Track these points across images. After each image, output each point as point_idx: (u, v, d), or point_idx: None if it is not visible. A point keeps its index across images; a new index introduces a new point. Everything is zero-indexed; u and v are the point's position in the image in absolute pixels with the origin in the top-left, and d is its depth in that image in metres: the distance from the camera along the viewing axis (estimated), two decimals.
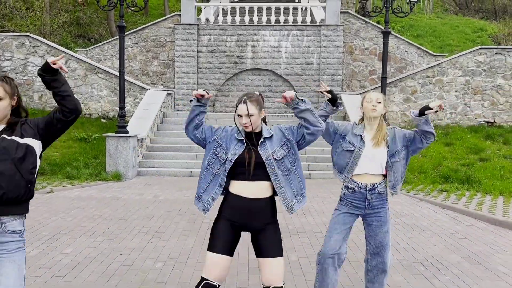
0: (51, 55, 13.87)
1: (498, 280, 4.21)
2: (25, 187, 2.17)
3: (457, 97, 13.75)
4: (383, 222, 3.16)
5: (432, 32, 22.73)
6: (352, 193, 3.12)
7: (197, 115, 2.72)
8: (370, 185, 3.09)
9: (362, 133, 3.13)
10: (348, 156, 3.09)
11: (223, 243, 2.64)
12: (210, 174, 2.72)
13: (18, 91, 2.27)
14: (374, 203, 3.12)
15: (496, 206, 7.16)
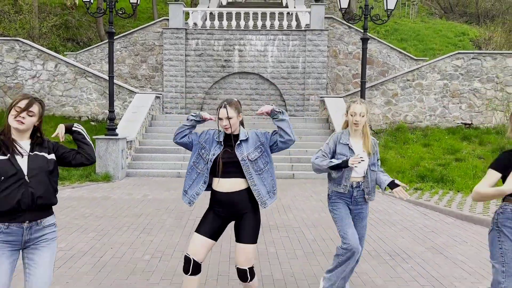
0: (41, 59, 14.12)
1: (455, 267, 4.65)
2: (54, 194, 2.63)
3: (436, 100, 14.30)
4: (364, 217, 3.54)
5: (415, 36, 23.33)
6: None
7: (190, 130, 3.16)
8: (355, 183, 3.44)
9: (348, 142, 3.45)
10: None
11: (208, 227, 3.12)
12: (195, 173, 3.17)
13: (43, 115, 2.67)
14: (359, 200, 3.48)
15: (465, 203, 7.64)
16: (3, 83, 14.12)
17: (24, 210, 2.47)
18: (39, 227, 2.55)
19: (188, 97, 16.83)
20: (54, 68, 14.17)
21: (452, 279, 4.30)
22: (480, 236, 5.87)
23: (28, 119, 2.52)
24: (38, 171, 2.51)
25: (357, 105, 3.39)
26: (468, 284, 4.20)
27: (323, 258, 4.86)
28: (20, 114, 2.50)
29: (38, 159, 2.54)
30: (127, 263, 4.60)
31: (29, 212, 2.49)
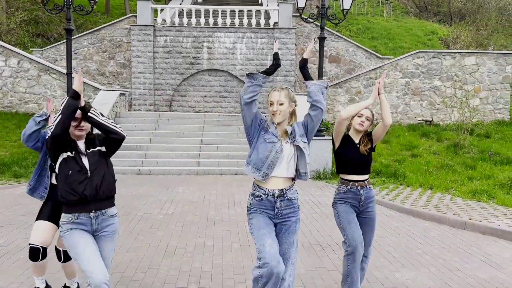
0: (3, 55, 13.94)
1: (380, 257, 4.89)
2: (114, 184, 2.92)
3: (398, 97, 14.67)
4: (292, 232, 2.99)
5: (386, 35, 23.72)
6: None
7: (39, 132, 3.51)
8: (278, 191, 2.96)
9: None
10: None
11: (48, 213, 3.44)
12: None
13: None
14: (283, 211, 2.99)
15: (410, 197, 7.93)
16: None
17: (89, 201, 2.74)
18: (104, 217, 2.82)
19: (156, 94, 16.83)
20: (17, 64, 14.00)
21: (373, 267, 4.53)
22: (414, 228, 6.14)
23: (86, 125, 2.84)
24: (97, 165, 2.78)
25: (274, 91, 2.89)
26: (385, 272, 4.43)
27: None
28: (80, 124, 2.78)
29: (95, 155, 2.82)
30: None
31: (94, 203, 2.76)
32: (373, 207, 3.57)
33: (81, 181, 2.71)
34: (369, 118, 3.54)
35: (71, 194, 2.71)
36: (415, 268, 4.56)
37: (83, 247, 2.73)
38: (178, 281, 4.07)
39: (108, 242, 2.87)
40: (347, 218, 3.45)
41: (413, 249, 5.19)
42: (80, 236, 2.76)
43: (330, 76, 17.74)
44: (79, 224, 2.78)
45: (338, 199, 3.54)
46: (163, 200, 7.56)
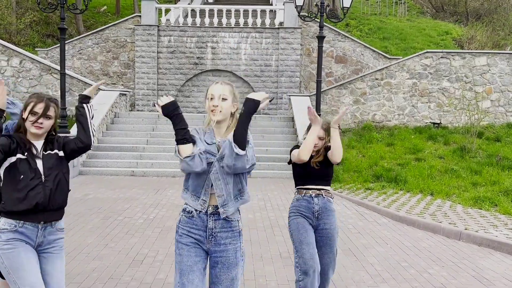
0: (5, 55, 13.95)
1: (360, 269, 4.55)
2: (67, 195, 2.60)
3: (405, 99, 14.21)
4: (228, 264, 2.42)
5: (398, 35, 23.24)
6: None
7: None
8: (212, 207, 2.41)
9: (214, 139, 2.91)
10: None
11: None
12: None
13: (58, 114, 2.60)
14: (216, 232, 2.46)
15: (407, 204, 7.55)
16: None
17: (41, 210, 2.43)
18: (53, 229, 2.51)
19: (160, 95, 16.67)
20: (19, 64, 14.00)
21: (350, 282, 4.20)
22: (405, 238, 5.78)
23: (46, 123, 2.49)
24: (52, 170, 2.48)
25: (216, 85, 2.40)
26: (362, 286, 4.10)
27: None
28: (38, 120, 2.45)
29: (51, 158, 2.51)
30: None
31: (45, 213, 2.45)
32: (331, 223, 3.20)
33: (33, 187, 2.41)
34: (321, 138, 3.16)
35: (20, 203, 2.39)
36: (397, 283, 4.22)
37: (29, 270, 2.38)
38: None
39: (57, 260, 2.54)
40: (299, 237, 3.12)
41: (399, 261, 4.84)
42: (25, 256, 2.40)
43: (337, 76, 17.35)
44: (22, 235, 2.42)
45: (291, 209, 3.25)
46: (148, 204, 7.33)
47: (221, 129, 2.40)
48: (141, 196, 7.93)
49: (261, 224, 6.29)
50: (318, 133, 3.05)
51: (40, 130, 2.49)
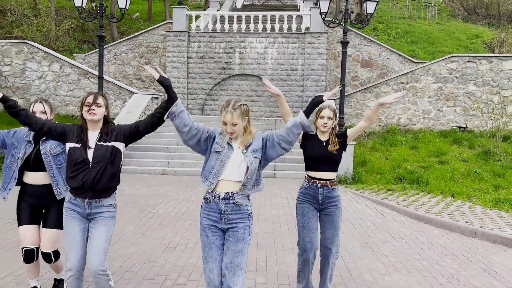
0: (47, 61, 14.89)
1: (375, 260, 4.89)
2: (115, 177, 3.10)
3: (430, 102, 14.31)
4: (238, 239, 2.87)
5: (426, 39, 23.16)
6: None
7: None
8: (224, 193, 2.91)
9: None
10: None
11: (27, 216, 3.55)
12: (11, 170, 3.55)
13: (108, 105, 3.18)
14: (229, 216, 2.93)
15: (426, 204, 7.78)
16: (12, 84, 14.97)
17: (86, 189, 3.00)
18: (98, 204, 3.04)
19: (189, 98, 17.33)
20: (59, 69, 14.91)
21: (364, 270, 4.55)
22: (421, 234, 6.05)
23: (98, 110, 3.03)
24: (99, 159, 2.99)
25: (227, 114, 2.79)
26: (376, 275, 4.44)
27: (254, 249, 5.18)
28: (91, 107, 3.00)
29: (102, 149, 3.00)
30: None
31: (91, 192, 3.00)
32: (335, 209, 3.60)
33: (81, 171, 2.97)
34: (331, 117, 3.58)
35: (72, 180, 2.99)
36: (408, 272, 4.54)
37: (71, 234, 3.04)
38: (170, 274, 4.29)
39: (100, 227, 3.04)
40: (302, 222, 3.58)
41: (413, 254, 5.14)
42: (71, 223, 3.05)
43: (362, 80, 17.56)
44: (74, 205, 3.05)
45: (299, 195, 3.68)
46: (179, 200, 7.85)
47: (237, 140, 2.91)
48: (172, 193, 8.46)
49: (284, 219, 6.68)
50: (327, 111, 3.52)
51: (95, 116, 3.01)
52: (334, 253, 3.63)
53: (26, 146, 3.47)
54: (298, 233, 3.61)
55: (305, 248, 3.54)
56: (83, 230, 3.06)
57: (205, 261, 2.86)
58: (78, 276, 3.01)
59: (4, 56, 14.95)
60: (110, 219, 3.11)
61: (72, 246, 3.01)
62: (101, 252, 3.00)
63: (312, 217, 3.57)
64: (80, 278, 3.04)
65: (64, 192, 3.48)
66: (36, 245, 3.51)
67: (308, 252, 3.54)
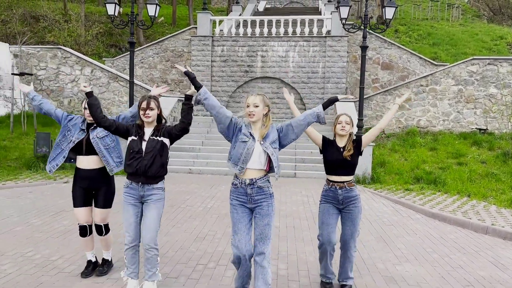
0: (79, 65, 15.70)
1: (388, 252, 5.26)
2: (163, 167, 3.69)
3: (450, 105, 14.47)
4: (264, 214, 3.43)
5: (449, 40, 23.11)
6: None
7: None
8: (248, 180, 3.43)
9: (250, 130, 3.53)
10: None
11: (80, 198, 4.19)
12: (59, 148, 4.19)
13: (160, 105, 3.78)
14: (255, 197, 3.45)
15: (442, 203, 8.07)
16: (47, 87, 15.84)
17: (140, 175, 3.62)
18: (149, 187, 3.64)
19: None
20: (91, 73, 15.70)
21: (378, 260, 4.94)
22: (434, 230, 6.38)
23: (151, 113, 3.67)
24: (151, 150, 3.59)
25: (251, 96, 3.40)
26: (388, 264, 4.83)
27: (276, 240, 5.62)
28: (146, 111, 3.63)
29: (153, 142, 3.61)
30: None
31: (143, 177, 3.62)
32: (355, 206, 3.97)
33: (135, 159, 3.59)
34: (348, 122, 3.97)
35: (128, 167, 3.63)
36: (419, 263, 4.90)
37: (126, 214, 3.68)
38: (201, 259, 4.78)
39: (152, 207, 3.65)
40: (322, 218, 4.01)
41: (425, 248, 5.50)
42: (128, 207, 3.68)
43: (383, 82, 17.79)
44: (131, 189, 3.68)
45: (321, 197, 4.09)
46: (205, 196, 8.37)
47: (257, 126, 3.43)
48: (198, 190, 8.99)
49: (303, 215, 7.11)
50: (344, 116, 3.98)
51: (149, 118, 3.66)
52: (352, 247, 4.02)
53: (79, 132, 4.09)
54: (319, 228, 4.03)
55: (323, 241, 3.97)
56: (137, 213, 3.70)
57: (234, 233, 3.41)
58: (134, 249, 3.71)
59: (39, 61, 15.84)
60: (160, 201, 3.70)
61: (129, 226, 3.68)
62: (152, 229, 3.62)
63: (332, 214, 3.98)
64: (135, 251, 3.71)
65: (115, 169, 4.13)
66: (89, 223, 4.18)
67: (325, 245, 3.96)
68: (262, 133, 3.40)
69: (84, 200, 4.16)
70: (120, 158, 4.17)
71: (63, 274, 4.24)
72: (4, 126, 13.33)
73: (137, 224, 3.70)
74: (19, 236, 5.49)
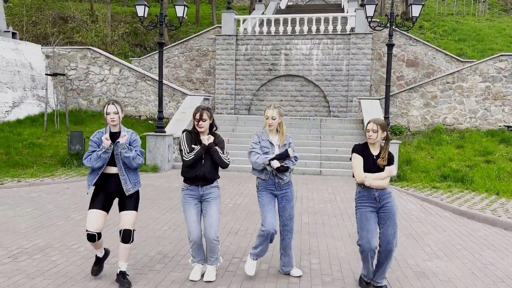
0: (108, 65, 16.14)
1: (418, 248, 5.35)
2: (217, 171, 4.16)
3: (477, 102, 14.30)
4: (290, 199, 4.29)
5: (475, 36, 22.74)
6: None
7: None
8: (275, 171, 4.28)
9: (268, 138, 4.29)
10: None
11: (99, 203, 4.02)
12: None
13: (212, 115, 4.09)
14: (282, 184, 4.32)
15: (470, 201, 8.06)
16: (77, 86, 16.35)
17: (199, 178, 4.03)
18: (207, 187, 4.06)
19: (237, 99, 18.13)
20: (119, 72, 16.12)
21: (408, 256, 5.04)
22: (463, 228, 6.42)
23: (204, 124, 4.00)
24: (208, 158, 4.00)
25: (269, 110, 4.19)
26: (418, 260, 4.92)
27: (306, 236, 5.78)
28: (199, 123, 3.96)
29: (213, 149, 3.98)
30: (148, 231, 5.86)
31: (202, 180, 4.03)
32: (390, 202, 3.96)
33: (196, 166, 3.99)
34: (375, 130, 3.88)
35: (189, 172, 4.02)
36: (449, 259, 4.98)
37: (189, 214, 4.06)
38: (236, 253, 4.98)
39: (211, 204, 4.07)
40: (361, 224, 3.95)
41: (454, 244, 5.56)
42: (189, 208, 4.06)
43: (408, 80, 17.67)
44: (190, 191, 4.06)
45: (357, 200, 4.03)
46: (234, 193, 8.58)
47: (273, 131, 4.28)
48: (226, 187, 9.21)
49: (331, 212, 7.24)
50: (371, 124, 3.96)
51: (202, 128, 4.01)
52: (394, 247, 3.97)
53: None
54: (359, 234, 3.99)
55: (363, 248, 3.89)
56: (198, 212, 4.09)
57: (264, 214, 4.13)
58: (198, 244, 4.08)
59: (70, 61, 16.36)
60: (218, 198, 4.15)
61: (192, 224, 4.04)
62: (215, 224, 4.02)
63: (370, 219, 3.92)
64: (200, 245, 4.09)
65: (131, 190, 3.94)
66: (98, 231, 3.90)
67: (366, 252, 3.90)
68: (281, 140, 4.26)
69: (104, 204, 3.95)
70: (137, 180, 4.04)
71: (107, 265, 4.49)
72: (38, 125, 13.86)
73: (199, 221, 4.06)
74: (62, 230, 5.80)
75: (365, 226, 3.91)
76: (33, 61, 15.67)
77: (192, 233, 4.02)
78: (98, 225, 3.91)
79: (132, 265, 4.54)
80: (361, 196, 3.99)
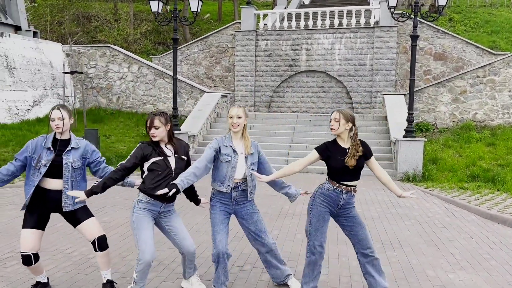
0: (127, 63, 16.05)
1: (440, 257, 4.83)
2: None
3: (511, 97, 13.42)
4: (252, 213, 3.68)
5: (509, 28, 21.62)
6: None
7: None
8: (234, 184, 3.58)
9: (231, 144, 3.61)
10: None
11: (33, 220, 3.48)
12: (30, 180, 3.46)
13: (171, 121, 3.50)
14: (239, 199, 3.65)
15: (501, 203, 7.41)
16: (97, 84, 16.34)
17: (171, 196, 3.39)
18: (171, 204, 3.56)
19: (257, 96, 17.75)
20: (138, 70, 16.01)
21: (427, 266, 4.54)
22: (492, 234, 5.83)
23: (156, 132, 3.37)
24: (179, 170, 3.45)
25: (234, 108, 3.52)
26: (439, 271, 4.41)
27: None
28: (150, 131, 3.38)
29: (180, 161, 3.48)
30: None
31: (172, 198, 3.50)
32: (352, 209, 3.51)
33: (166, 179, 3.40)
34: (336, 119, 3.39)
35: (157, 189, 3.35)
36: (474, 271, 4.45)
37: (145, 229, 3.36)
38: (237, 261, 4.61)
39: (173, 218, 3.62)
40: (316, 225, 3.49)
41: (481, 254, 5.01)
42: (143, 222, 3.39)
43: (435, 74, 16.84)
44: (151, 205, 3.43)
45: (319, 195, 3.52)
46: None
47: (237, 136, 3.62)
48: None
49: None
50: (334, 113, 3.41)
51: (155, 137, 3.38)
52: (375, 252, 3.53)
53: (47, 153, 3.39)
54: (310, 235, 3.51)
55: (314, 251, 3.48)
56: (153, 227, 3.48)
57: (213, 235, 3.52)
58: (149, 266, 3.35)
59: (90, 59, 16.36)
60: (175, 211, 3.70)
61: (148, 241, 3.33)
62: (188, 236, 3.63)
63: (326, 221, 3.49)
64: (149, 267, 3.37)
65: (69, 207, 3.47)
66: (34, 251, 3.42)
67: (317, 256, 3.49)
68: (247, 146, 3.59)
69: (38, 221, 3.44)
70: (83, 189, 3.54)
71: (98, 273, 4.20)
72: None
73: (153, 237, 3.42)
74: (60, 233, 5.57)
75: (320, 228, 3.48)
76: (53, 60, 15.75)
77: (146, 253, 3.29)
78: (34, 244, 3.40)
79: (123, 273, 4.23)
80: (326, 195, 3.46)
